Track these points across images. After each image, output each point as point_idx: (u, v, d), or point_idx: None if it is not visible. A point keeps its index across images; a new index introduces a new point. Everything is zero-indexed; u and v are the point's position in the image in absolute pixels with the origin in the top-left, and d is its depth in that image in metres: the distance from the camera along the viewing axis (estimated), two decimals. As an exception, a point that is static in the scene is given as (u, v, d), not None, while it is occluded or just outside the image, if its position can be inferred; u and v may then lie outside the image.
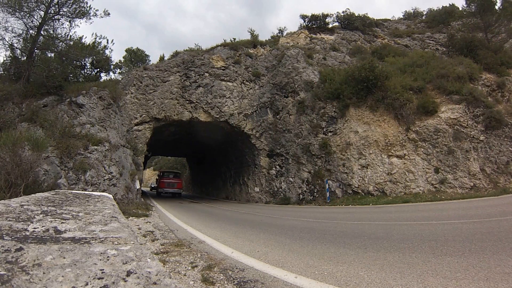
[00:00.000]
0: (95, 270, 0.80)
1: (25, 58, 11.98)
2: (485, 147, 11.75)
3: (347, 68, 16.47)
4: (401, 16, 32.11)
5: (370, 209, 10.13)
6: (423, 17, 29.33)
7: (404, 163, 12.09)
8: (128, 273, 0.81)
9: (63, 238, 1.08)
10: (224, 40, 21.13)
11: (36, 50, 12.23)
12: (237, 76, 17.71)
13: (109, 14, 13.36)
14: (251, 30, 22.75)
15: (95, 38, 14.61)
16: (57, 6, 12.22)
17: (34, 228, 1.17)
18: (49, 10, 12.07)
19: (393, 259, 3.48)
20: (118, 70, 20.65)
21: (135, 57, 24.74)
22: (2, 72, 12.80)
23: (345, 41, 22.78)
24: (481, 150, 11.69)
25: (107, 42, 15.31)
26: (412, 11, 31.92)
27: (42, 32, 12.17)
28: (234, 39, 21.57)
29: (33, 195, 2.21)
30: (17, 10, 11.27)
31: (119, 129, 12.11)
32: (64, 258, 0.86)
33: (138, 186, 11.85)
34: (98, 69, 16.45)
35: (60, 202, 2.02)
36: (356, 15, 25.07)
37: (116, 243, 1.10)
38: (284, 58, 18.32)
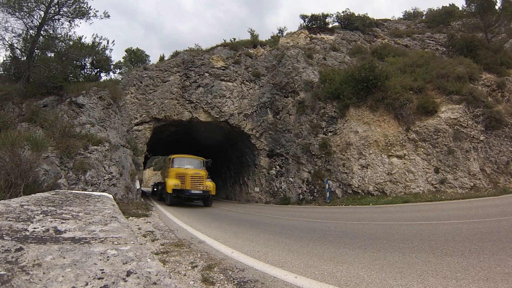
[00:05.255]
0: (95, 270, 0.80)
1: (25, 58, 11.95)
2: (485, 147, 11.75)
3: (347, 68, 16.47)
4: (401, 16, 32.17)
5: (370, 209, 10.12)
6: (423, 17, 29.35)
7: (404, 163, 12.09)
8: (128, 273, 0.80)
9: (63, 238, 1.08)
10: (224, 40, 21.15)
11: (36, 50, 12.21)
12: (237, 76, 17.70)
13: (109, 16, 13.34)
14: (251, 30, 22.77)
15: (95, 39, 14.63)
16: (57, 6, 12.22)
17: (34, 228, 1.17)
18: (49, 10, 12.06)
19: (393, 259, 3.47)
20: (118, 70, 20.66)
21: (135, 57, 24.75)
22: (2, 72, 12.77)
23: (345, 41, 22.78)
24: (481, 150, 11.69)
25: (107, 43, 15.34)
26: (412, 11, 32.01)
27: (42, 32, 12.15)
28: (234, 39, 21.60)
29: (33, 195, 2.21)
30: (17, 10, 11.26)
31: (119, 129, 12.11)
32: (64, 258, 0.86)
33: (138, 186, 11.85)
34: (98, 69, 16.43)
35: (60, 202, 2.01)
36: (356, 15, 25.09)
37: (116, 243, 1.10)
38: (284, 58, 18.32)
